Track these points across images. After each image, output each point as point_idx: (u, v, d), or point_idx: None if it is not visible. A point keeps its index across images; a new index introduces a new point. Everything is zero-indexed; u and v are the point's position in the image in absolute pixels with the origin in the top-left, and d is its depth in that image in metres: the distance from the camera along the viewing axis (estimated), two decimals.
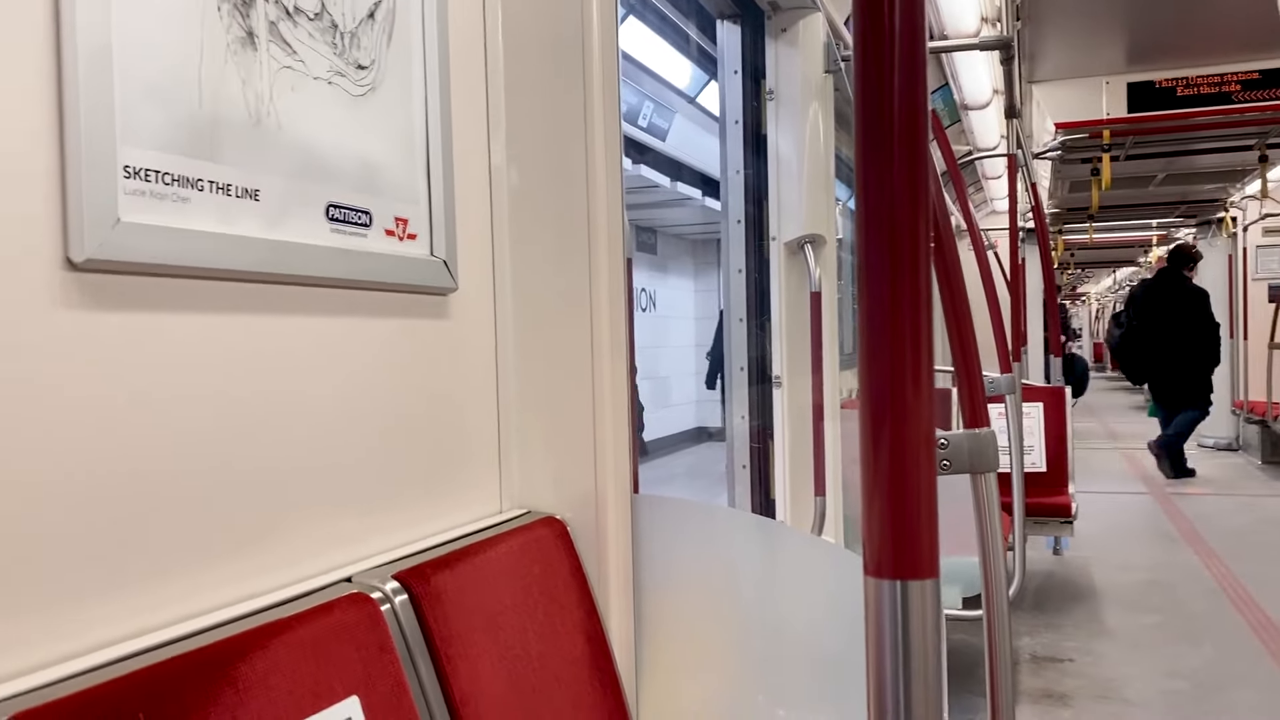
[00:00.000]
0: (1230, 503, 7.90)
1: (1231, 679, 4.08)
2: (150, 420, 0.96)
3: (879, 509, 0.50)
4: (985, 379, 3.49)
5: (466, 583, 1.26)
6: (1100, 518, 7.08)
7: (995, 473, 1.46)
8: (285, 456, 1.12)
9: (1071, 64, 6.23)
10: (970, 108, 6.74)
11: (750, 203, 3.23)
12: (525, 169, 1.53)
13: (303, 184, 1.13)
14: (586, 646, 1.46)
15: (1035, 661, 4.33)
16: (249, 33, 1.06)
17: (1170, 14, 5.32)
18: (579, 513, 1.53)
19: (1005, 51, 3.81)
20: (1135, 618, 4.92)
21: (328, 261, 1.17)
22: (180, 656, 0.88)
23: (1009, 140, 4.55)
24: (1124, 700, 3.87)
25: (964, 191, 4.28)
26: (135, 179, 0.93)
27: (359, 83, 1.24)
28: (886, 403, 0.50)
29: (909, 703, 0.50)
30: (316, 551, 1.17)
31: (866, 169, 0.52)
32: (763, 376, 3.23)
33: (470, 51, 1.50)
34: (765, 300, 3.18)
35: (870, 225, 0.51)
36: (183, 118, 0.98)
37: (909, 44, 0.50)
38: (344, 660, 1.03)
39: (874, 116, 0.51)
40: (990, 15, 5.05)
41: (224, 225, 1.03)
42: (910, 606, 0.50)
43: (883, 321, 0.50)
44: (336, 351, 1.21)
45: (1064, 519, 4.92)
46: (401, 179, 1.32)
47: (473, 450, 1.49)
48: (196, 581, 1.00)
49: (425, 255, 1.36)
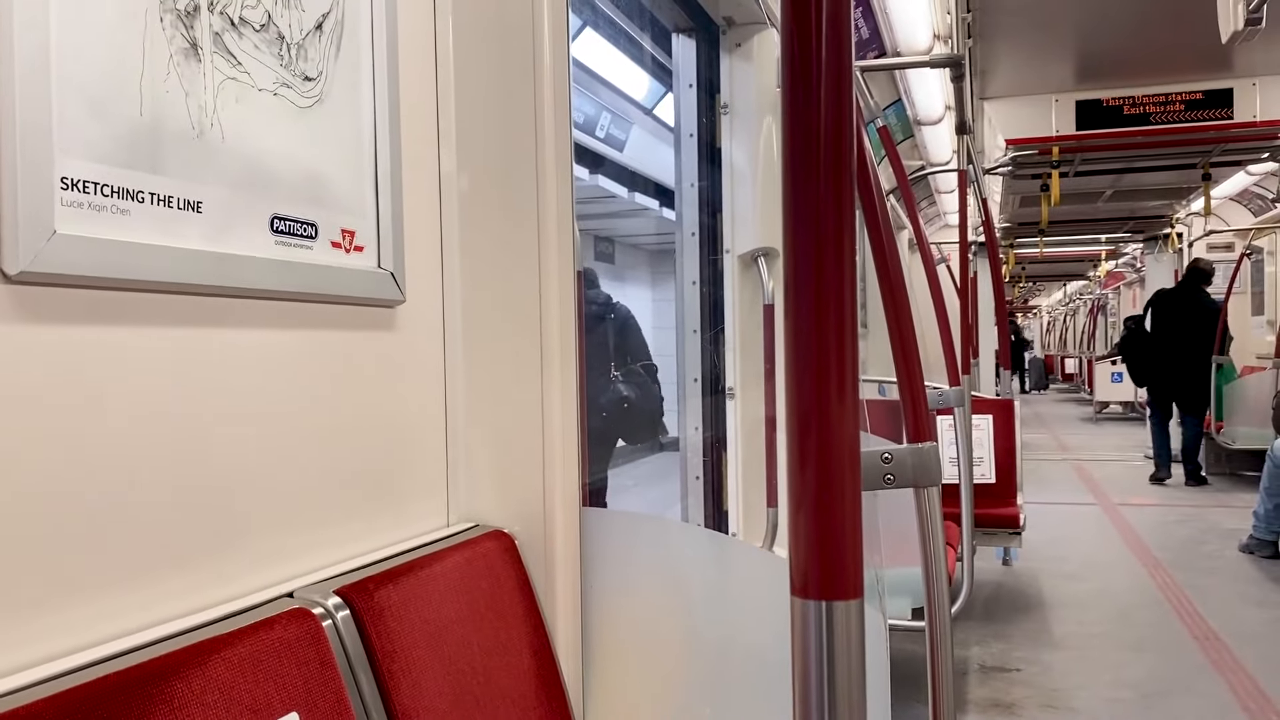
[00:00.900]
0: (1175, 513, 8.05)
1: (1175, 688, 4.15)
2: (87, 435, 0.95)
3: (804, 529, 0.50)
4: (935, 391, 3.54)
5: (411, 597, 1.25)
6: (1049, 528, 7.18)
7: (939, 486, 1.48)
8: (227, 471, 1.11)
9: (1022, 81, 6.34)
10: (923, 123, 6.82)
11: (705, 215, 3.25)
12: (475, 180, 1.53)
13: (247, 196, 1.13)
14: (533, 660, 1.45)
15: (984, 671, 4.38)
16: (193, 44, 1.05)
17: (1118, 34, 5.44)
18: (527, 526, 1.53)
19: (956, 69, 3.87)
20: (1082, 628, 5.00)
21: (272, 274, 1.16)
22: (111, 675, 0.87)
23: (960, 156, 4.62)
24: (1070, 709, 3.93)
25: (914, 206, 4.33)
26: (73, 190, 0.92)
27: (306, 94, 1.23)
28: (812, 421, 0.50)
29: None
30: (258, 567, 1.16)
31: (795, 185, 0.52)
32: (716, 388, 3.25)
33: (420, 63, 1.50)
34: (719, 312, 3.20)
35: (797, 242, 0.52)
36: (123, 129, 0.97)
37: (835, 62, 0.51)
38: (284, 676, 1.02)
39: (801, 135, 0.52)
40: (943, 32, 5.13)
41: (166, 238, 1.02)
42: (835, 627, 0.51)
43: (809, 338, 0.51)
44: (281, 365, 1.20)
45: (1013, 530, 4.99)
46: (349, 191, 1.31)
47: (420, 464, 1.48)
48: (132, 598, 0.99)
49: (372, 267, 1.36)
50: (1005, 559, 6.12)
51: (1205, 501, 8.54)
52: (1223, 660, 4.47)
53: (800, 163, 0.52)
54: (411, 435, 1.46)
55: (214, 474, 1.09)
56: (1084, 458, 11.68)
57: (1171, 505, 8.41)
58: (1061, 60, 5.98)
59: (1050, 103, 6.45)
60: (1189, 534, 7.22)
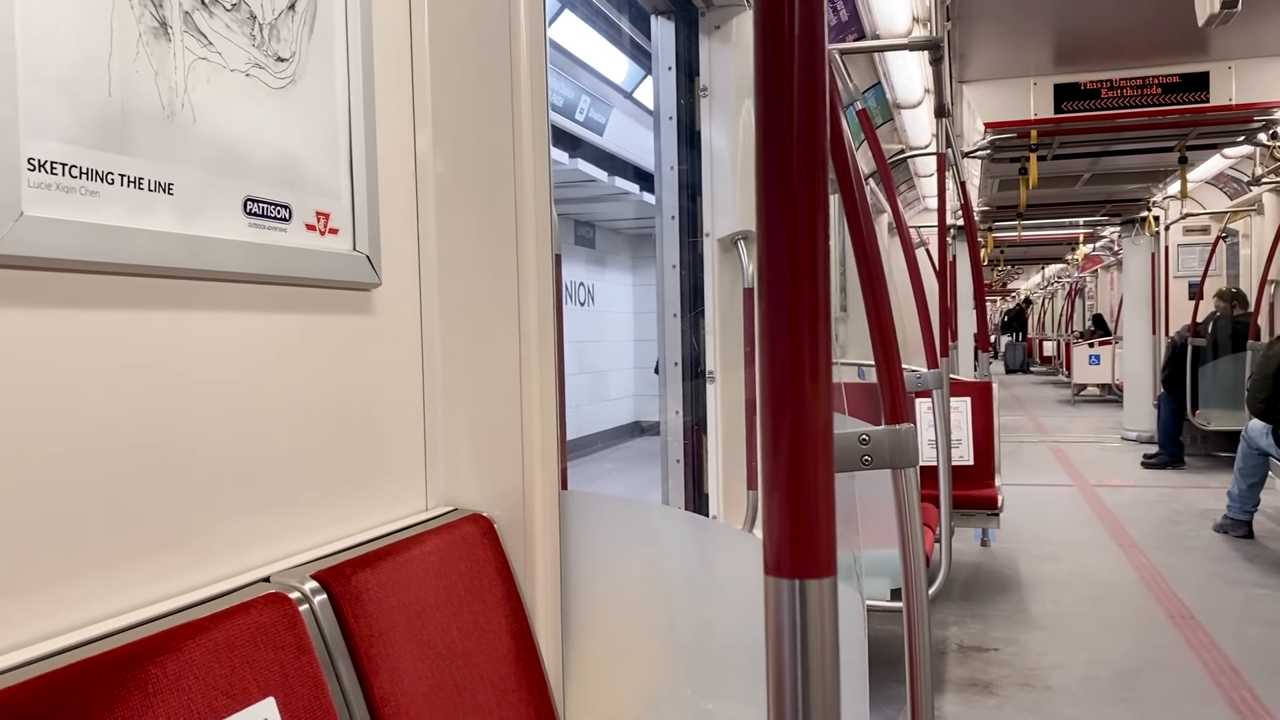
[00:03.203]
0: (1151, 494, 8.13)
1: (1150, 666, 4.20)
2: (59, 418, 0.94)
3: (778, 507, 0.50)
4: (914, 374, 3.56)
5: (389, 581, 1.25)
6: (1027, 510, 7.24)
7: (916, 468, 1.48)
8: (203, 455, 1.11)
9: (1001, 64, 6.35)
10: (903, 107, 6.83)
11: (685, 198, 3.25)
12: (451, 162, 1.52)
13: (219, 178, 1.11)
14: (512, 644, 1.45)
15: (962, 651, 4.42)
16: (162, 23, 1.04)
17: (1095, 17, 5.45)
18: (506, 510, 1.53)
19: (935, 52, 3.86)
20: (1059, 608, 5.05)
21: (246, 257, 1.15)
22: (85, 661, 0.86)
23: (939, 139, 4.62)
24: (1046, 688, 3.97)
25: (893, 190, 4.34)
26: (41, 172, 0.90)
27: (279, 75, 1.22)
28: (785, 401, 0.50)
29: (807, 703, 0.51)
30: (234, 551, 1.15)
31: (767, 166, 0.52)
32: (696, 372, 3.25)
33: (395, 43, 1.48)
34: (699, 296, 3.20)
35: (770, 223, 0.52)
36: (92, 110, 0.96)
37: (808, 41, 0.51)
38: (260, 661, 1.02)
39: (773, 116, 0.52)
40: (922, 15, 5.13)
41: (136, 219, 1.01)
42: (808, 606, 0.51)
43: (782, 319, 0.51)
44: (256, 348, 1.19)
45: (991, 511, 5.03)
46: (323, 172, 1.30)
47: (397, 447, 1.48)
48: (107, 583, 0.98)
49: (348, 250, 1.35)
50: (983, 540, 6.18)
51: (1180, 482, 8.63)
52: (1197, 638, 4.52)
53: (772, 144, 0.52)
54: (389, 418, 1.46)
55: (187, 458, 1.09)
56: (1061, 439, 11.77)
57: (1147, 486, 8.50)
58: (1040, 43, 5.98)
59: (1029, 86, 6.46)
60: (1164, 515, 7.30)
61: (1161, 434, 9.56)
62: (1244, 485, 6.42)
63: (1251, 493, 6.42)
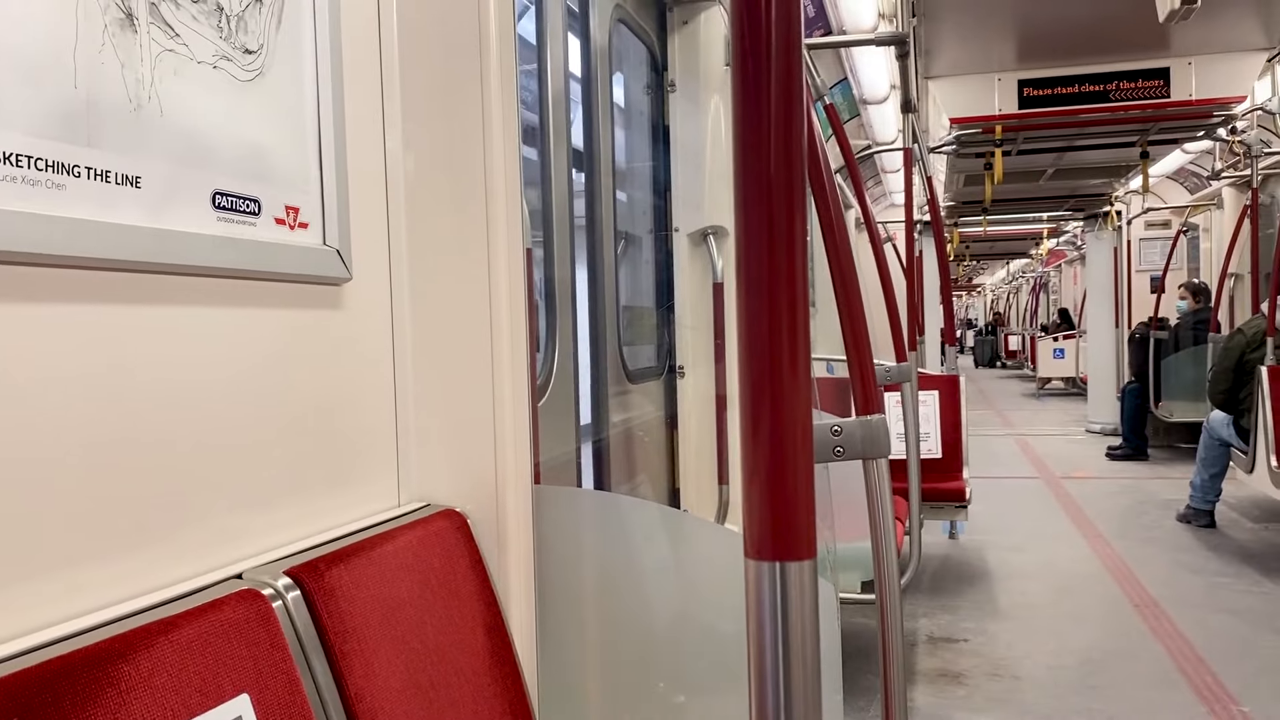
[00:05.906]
0: (1115, 485, 8.24)
1: (1115, 654, 4.26)
2: (27, 415, 0.93)
3: (758, 491, 0.51)
4: (882, 367, 3.58)
5: (362, 577, 1.24)
6: (994, 502, 7.32)
7: (887, 458, 1.49)
8: (172, 451, 1.09)
9: (966, 60, 6.39)
10: (869, 102, 6.87)
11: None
12: (421, 156, 1.51)
13: (187, 171, 1.10)
14: (487, 638, 1.45)
15: (932, 642, 4.46)
16: (128, 14, 1.03)
17: (1058, 14, 5.50)
18: (479, 504, 1.52)
19: (901, 47, 3.89)
20: (1026, 598, 5.10)
21: (215, 251, 1.14)
22: (55, 659, 0.85)
23: (905, 135, 4.66)
24: (1014, 677, 4.01)
25: (861, 185, 4.36)
26: (4, 164, 0.89)
27: (246, 67, 1.21)
28: (765, 387, 0.51)
29: (788, 681, 0.51)
30: (206, 548, 1.14)
31: (745, 162, 0.52)
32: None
33: (364, 35, 1.47)
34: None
35: (749, 216, 0.52)
36: (56, 102, 0.94)
37: (785, 37, 0.51)
38: (234, 658, 1.01)
39: (752, 111, 0.52)
40: (888, 11, 5.16)
41: (103, 213, 0.99)
42: (789, 588, 0.51)
43: (761, 309, 0.51)
44: (225, 343, 1.18)
45: (959, 504, 5.08)
46: (292, 166, 1.29)
47: (369, 443, 1.47)
48: (77, 581, 0.97)
49: (318, 244, 1.34)
50: (952, 533, 6.24)
51: (1144, 474, 8.76)
52: (1161, 626, 4.59)
53: (751, 139, 0.52)
54: (360, 414, 1.45)
55: (158, 455, 1.07)
56: (1027, 432, 11.90)
57: (1112, 478, 8.61)
58: (1004, 39, 6.03)
59: (993, 82, 6.51)
60: (1129, 505, 7.40)
61: (1125, 426, 9.69)
62: (1206, 475, 6.52)
63: (1213, 482, 6.52)
